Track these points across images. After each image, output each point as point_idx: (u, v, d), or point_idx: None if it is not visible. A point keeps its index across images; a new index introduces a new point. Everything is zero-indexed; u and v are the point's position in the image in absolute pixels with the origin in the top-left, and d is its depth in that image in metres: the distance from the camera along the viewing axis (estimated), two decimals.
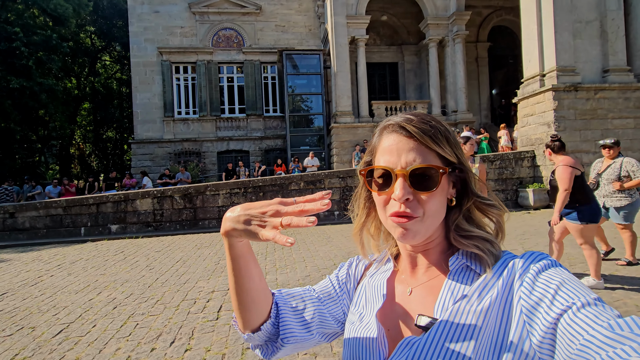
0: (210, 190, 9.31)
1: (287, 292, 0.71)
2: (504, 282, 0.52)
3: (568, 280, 0.47)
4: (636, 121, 9.60)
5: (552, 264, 0.51)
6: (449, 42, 15.21)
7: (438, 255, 0.60)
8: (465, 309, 0.51)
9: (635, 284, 3.65)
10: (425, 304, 0.57)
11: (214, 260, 5.63)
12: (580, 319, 0.42)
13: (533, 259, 0.52)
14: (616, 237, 5.76)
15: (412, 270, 0.62)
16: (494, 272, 0.54)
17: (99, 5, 21.84)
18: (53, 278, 5.06)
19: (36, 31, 16.21)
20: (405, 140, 0.55)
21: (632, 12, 10.41)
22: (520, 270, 0.52)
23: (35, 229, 8.86)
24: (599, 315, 0.42)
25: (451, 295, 0.55)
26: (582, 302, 0.43)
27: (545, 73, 9.58)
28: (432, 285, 0.59)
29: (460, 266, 0.57)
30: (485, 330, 0.50)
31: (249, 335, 0.65)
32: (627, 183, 4.14)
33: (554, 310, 0.44)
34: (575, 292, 0.45)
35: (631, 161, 4.22)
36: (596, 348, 0.38)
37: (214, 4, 16.30)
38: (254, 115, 16.55)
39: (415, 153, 0.54)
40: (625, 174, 4.20)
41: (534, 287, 0.49)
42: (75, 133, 24.86)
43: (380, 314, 0.61)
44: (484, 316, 0.50)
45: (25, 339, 3.03)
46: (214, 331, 3.04)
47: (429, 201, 0.54)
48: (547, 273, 0.49)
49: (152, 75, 16.07)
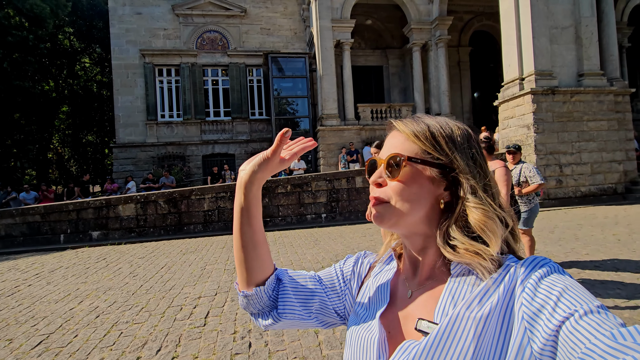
0: (195, 194, 9.18)
1: (294, 272, 0.73)
2: (505, 288, 0.51)
3: (571, 287, 0.46)
4: (610, 123, 10.01)
5: (554, 269, 0.50)
6: (432, 46, 15.52)
7: (437, 258, 0.59)
8: (466, 315, 0.51)
9: None
10: (426, 308, 0.57)
11: (200, 266, 5.55)
12: (583, 327, 0.41)
13: (535, 264, 0.52)
14: (592, 235, 6.00)
15: (413, 272, 0.63)
16: (495, 277, 0.53)
17: (78, 6, 21.28)
18: (31, 287, 4.88)
19: (11, 32, 15.65)
20: (395, 133, 0.61)
21: (605, 18, 10.89)
22: (522, 276, 0.51)
23: (12, 237, 8.52)
24: (601, 324, 0.41)
25: (452, 300, 0.54)
26: (584, 310, 0.43)
27: (525, 77, 9.89)
28: (432, 288, 0.58)
29: (462, 270, 0.56)
30: (485, 336, 0.49)
31: (250, 293, 0.67)
32: (525, 189, 4.13)
33: (556, 318, 0.44)
34: (577, 300, 0.44)
35: (529, 167, 4.20)
36: (598, 357, 0.38)
37: (198, 6, 16.14)
38: (240, 118, 16.42)
39: (395, 145, 0.59)
40: (524, 180, 4.19)
41: (535, 293, 0.48)
42: (53, 137, 24.07)
43: (383, 317, 0.61)
44: (484, 322, 0.50)
45: (2, 352, 2.91)
46: (201, 338, 2.99)
47: (396, 188, 0.57)
48: (549, 279, 0.48)
49: (135, 77, 15.75)
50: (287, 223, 9.41)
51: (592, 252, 4.88)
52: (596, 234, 5.97)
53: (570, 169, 9.66)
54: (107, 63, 22.41)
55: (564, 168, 9.63)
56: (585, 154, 9.81)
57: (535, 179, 4.11)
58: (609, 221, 7.12)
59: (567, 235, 6.02)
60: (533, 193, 4.19)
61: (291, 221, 9.46)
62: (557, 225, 7.05)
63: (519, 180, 4.21)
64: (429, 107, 16.20)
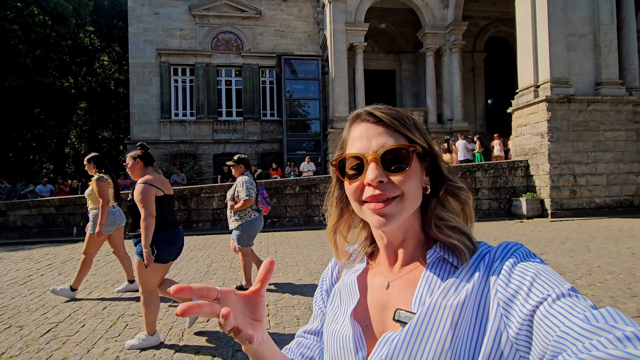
0: (205, 192, 9.29)
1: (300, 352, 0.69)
2: (480, 275, 0.52)
3: (543, 272, 0.47)
4: (627, 133, 9.76)
5: (527, 254, 0.51)
6: (446, 51, 15.40)
7: (415, 248, 0.60)
8: (442, 303, 0.51)
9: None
10: (403, 298, 0.57)
11: (207, 263, 5.61)
12: (556, 310, 0.42)
13: (508, 250, 0.53)
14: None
15: (389, 264, 0.62)
16: (470, 264, 0.54)
17: (100, 5, 21.88)
18: (43, 277, 5.01)
19: (35, 29, 16.19)
20: (374, 126, 0.57)
21: (625, 26, 10.64)
22: (496, 262, 0.52)
23: (27, 227, 8.77)
24: (573, 307, 0.42)
25: (428, 288, 0.55)
26: (556, 294, 0.44)
27: (540, 84, 9.73)
28: (409, 278, 0.59)
29: (437, 258, 0.57)
30: (462, 322, 0.50)
31: None
32: (236, 205, 3.94)
33: (530, 303, 0.45)
34: (550, 284, 0.45)
35: (242, 180, 3.96)
36: (573, 340, 0.39)
37: (214, 8, 16.40)
38: (251, 118, 16.58)
39: (386, 136, 0.56)
40: (237, 195, 3.98)
41: (510, 279, 0.49)
42: (70, 132, 24.71)
43: (356, 312, 0.61)
44: (461, 309, 0.50)
45: (13, 338, 3.00)
46: (203, 333, 3.03)
47: (405, 182, 0.54)
48: (522, 265, 0.49)
49: (150, 76, 16.08)
50: (294, 224, 9.44)
51: (604, 265, 4.76)
52: (609, 247, 5.82)
53: (584, 179, 9.44)
54: (124, 61, 22.93)
55: (578, 178, 9.41)
56: (601, 165, 9.57)
57: (241, 194, 3.89)
58: (624, 234, 6.92)
59: (579, 247, 5.88)
60: (249, 209, 4.01)
61: (298, 222, 9.49)
62: (569, 236, 6.89)
63: (233, 194, 4.00)
64: (441, 112, 16.06)
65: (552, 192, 9.22)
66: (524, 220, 9.17)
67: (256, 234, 4.17)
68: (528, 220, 9.06)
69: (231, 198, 4.02)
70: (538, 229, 7.89)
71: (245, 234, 4.02)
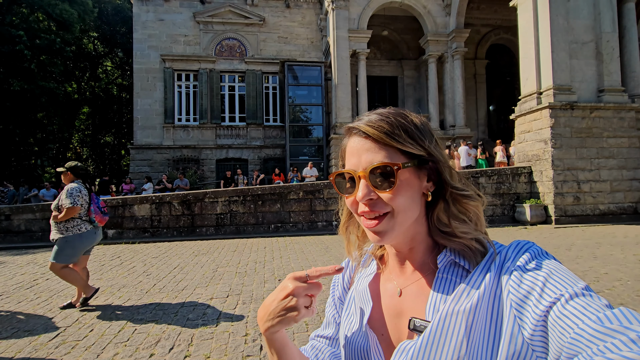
0: (209, 197, 9.30)
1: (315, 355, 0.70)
2: (491, 277, 0.51)
3: (556, 270, 0.46)
4: (630, 140, 9.78)
5: (539, 253, 0.50)
6: (448, 58, 15.51)
7: (425, 253, 0.60)
8: (455, 309, 0.50)
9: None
10: (416, 305, 0.57)
11: (212, 268, 5.60)
12: (570, 311, 0.41)
13: (520, 249, 0.52)
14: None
15: (400, 270, 0.62)
16: (481, 266, 0.53)
17: (104, 11, 22.10)
18: (49, 281, 5.00)
19: (40, 35, 16.34)
20: (364, 141, 0.56)
21: (627, 34, 10.72)
22: (507, 262, 0.51)
23: (31, 231, 8.77)
24: (587, 307, 0.41)
25: (441, 294, 0.54)
26: (569, 294, 0.43)
27: (542, 91, 9.78)
28: (421, 285, 0.58)
29: (448, 262, 0.56)
30: (477, 326, 0.49)
31: None
32: (59, 215, 3.65)
33: (543, 303, 0.44)
34: (563, 283, 0.44)
35: (67, 187, 3.65)
36: (587, 342, 0.38)
37: (218, 14, 16.57)
38: (254, 124, 16.65)
39: (374, 152, 0.54)
40: (61, 204, 3.66)
41: (522, 279, 0.47)
42: (73, 137, 24.81)
43: (371, 321, 0.60)
44: (474, 313, 0.49)
45: (22, 342, 2.98)
46: (212, 338, 3.01)
47: (394, 198, 0.53)
48: (534, 264, 0.48)
49: (154, 81, 16.19)
50: (298, 229, 9.43)
51: (612, 271, 4.74)
52: (616, 254, 5.80)
53: (588, 186, 9.44)
54: (127, 67, 23.12)
55: (582, 185, 9.41)
56: (605, 171, 9.58)
57: (64, 202, 3.56)
58: (630, 241, 6.91)
59: (585, 254, 5.87)
60: (78, 220, 3.71)
61: (302, 227, 9.47)
62: (575, 243, 6.87)
63: (58, 203, 3.68)
64: (444, 118, 16.12)
65: (556, 199, 9.21)
66: (528, 226, 9.15)
67: (87, 248, 3.86)
68: (532, 227, 9.04)
69: (55, 208, 3.70)
70: (543, 235, 7.88)
71: (69, 249, 3.67)
